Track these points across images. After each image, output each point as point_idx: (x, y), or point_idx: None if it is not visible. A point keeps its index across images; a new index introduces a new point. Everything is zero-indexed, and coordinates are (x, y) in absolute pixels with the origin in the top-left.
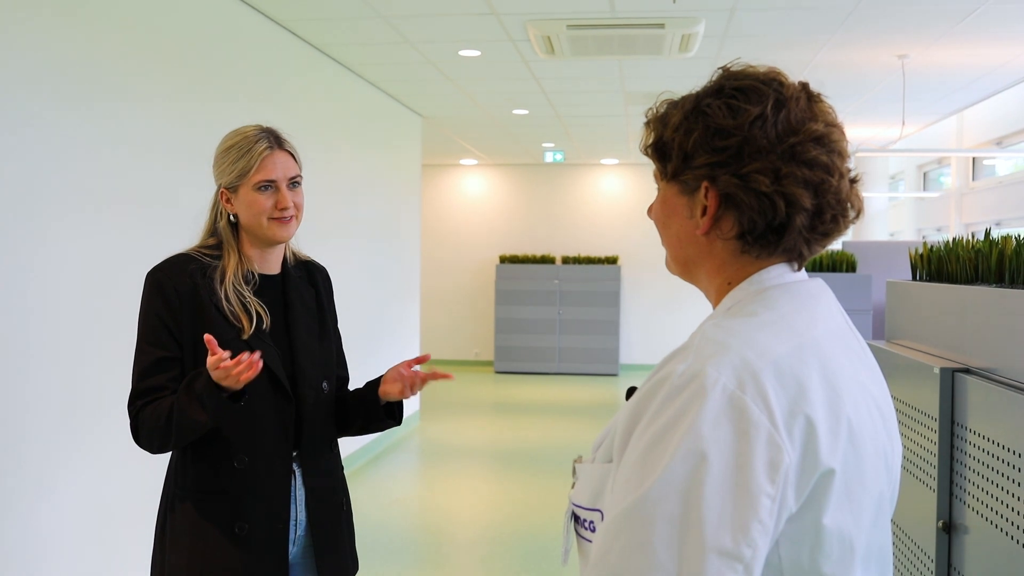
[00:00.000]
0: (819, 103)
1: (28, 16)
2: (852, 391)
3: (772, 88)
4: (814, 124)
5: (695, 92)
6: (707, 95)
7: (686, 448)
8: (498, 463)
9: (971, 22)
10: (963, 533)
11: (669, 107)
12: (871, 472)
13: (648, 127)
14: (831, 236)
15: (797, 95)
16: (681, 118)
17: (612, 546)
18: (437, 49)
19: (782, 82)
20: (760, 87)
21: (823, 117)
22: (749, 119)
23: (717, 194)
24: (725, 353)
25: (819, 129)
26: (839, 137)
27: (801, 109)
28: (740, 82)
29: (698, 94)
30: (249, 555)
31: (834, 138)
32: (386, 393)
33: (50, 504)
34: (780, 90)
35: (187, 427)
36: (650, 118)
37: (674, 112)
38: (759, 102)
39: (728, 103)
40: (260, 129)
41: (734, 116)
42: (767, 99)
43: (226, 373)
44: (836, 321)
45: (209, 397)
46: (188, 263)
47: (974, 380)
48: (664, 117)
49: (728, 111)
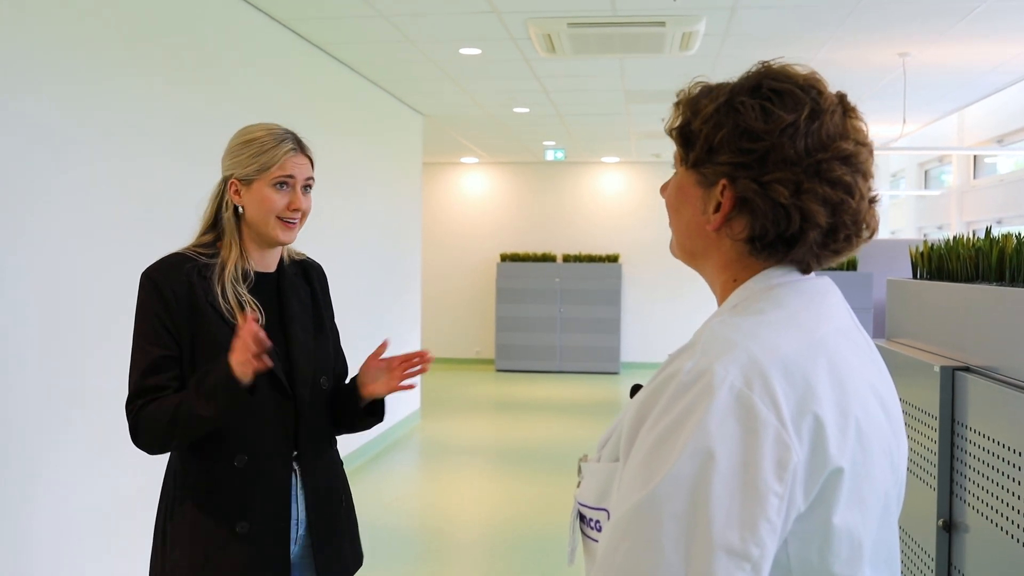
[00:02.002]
0: (854, 119)
1: (27, 15)
2: (859, 389)
3: (810, 96)
4: (844, 143)
5: (730, 84)
6: (743, 91)
7: (693, 446)
8: (499, 461)
9: (972, 20)
10: (963, 532)
11: (702, 93)
12: (878, 470)
13: (677, 108)
14: (842, 254)
15: (833, 108)
16: (713, 110)
17: (619, 545)
18: (438, 47)
19: (820, 91)
20: (798, 93)
21: (854, 135)
22: (781, 126)
23: (734, 195)
24: (732, 351)
25: (848, 148)
26: (867, 157)
27: (835, 124)
28: (778, 84)
29: (733, 87)
30: (251, 554)
31: (862, 158)
32: (371, 392)
33: (42, 505)
34: (817, 100)
35: (193, 424)
36: (681, 99)
37: (706, 101)
38: (794, 109)
39: (763, 104)
40: (284, 129)
41: (766, 120)
42: (803, 107)
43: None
44: (843, 319)
45: (225, 388)
46: (184, 262)
47: (974, 379)
48: (695, 103)
49: (761, 113)
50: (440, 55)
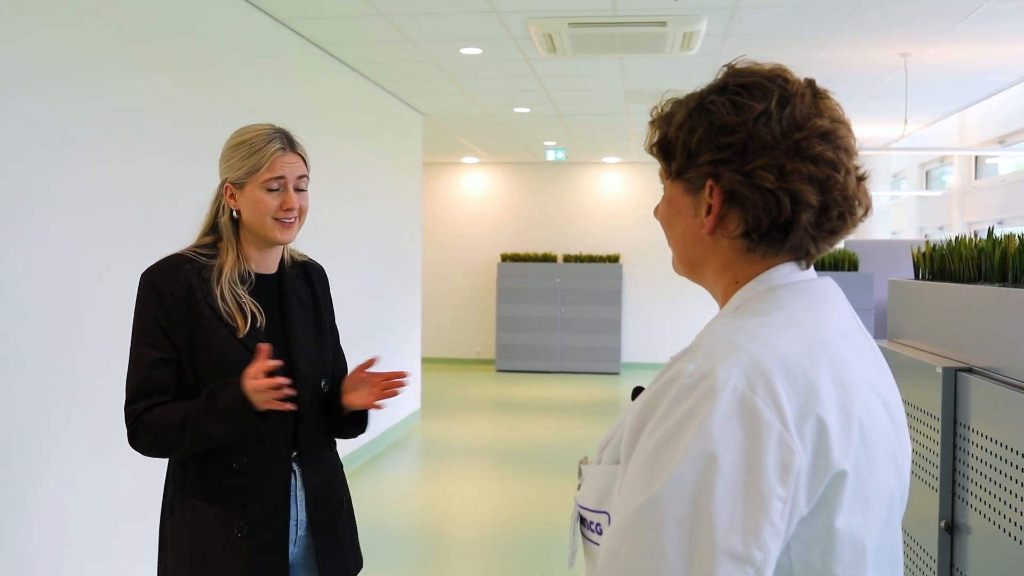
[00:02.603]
0: (825, 99)
1: (27, 15)
2: (862, 391)
3: (776, 85)
4: (819, 120)
5: (699, 90)
6: (711, 92)
7: (696, 449)
8: (499, 462)
9: (973, 20)
10: (965, 533)
11: (674, 105)
12: (882, 473)
13: (653, 126)
14: (838, 234)
15: (802, 91)
16: (685, 116)
17: (620, 549)
18: (438, 47)
19: (787, 79)
20: (764, 84)
21: (829, 113)
22: (753, 115)
23: (722, 192)
24: (735, 353)
25: (824, 125)
26: (845, 133)
27: (806, 105)
28: (744, 79)
29: (702, 92)
30: (250, 556)
31: (840, 134)
32: (350, 402)
33: (41, 506)
34: (785, 86)
35: (201, 439)
36: (655, 117)
37: (678, 110)
38: (763, 99)
39: (732, 100)
40: (273, 129)
41: (738, 113)
42: (771, 95)
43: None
44: (845, 320)
45: (239, 412)
46: (183, 264)
47: (977, 380)
48: (668, 115)
49: (732, 108)
50: (440, 55)
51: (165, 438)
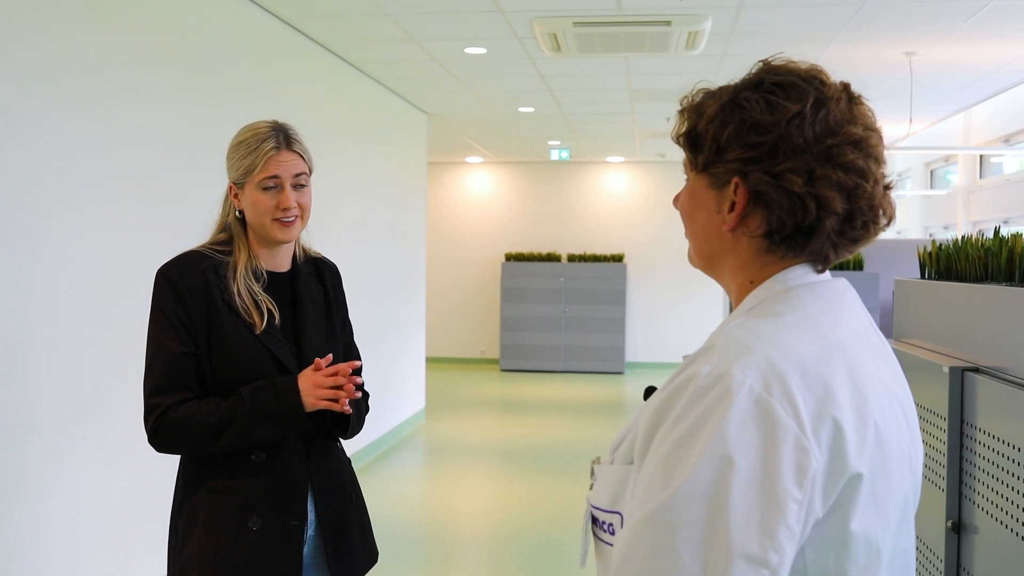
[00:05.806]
0: (859, 105)
1: (38, 17)
2: (877, 393)
3: (813, 86)
4: (853, 127)
5: (733, 84)
6: (745, 88)
7: (712, 451)
8: (504, 461)
9: (979, 19)
10: (972, 533)
11: (705, 96)
12: (897, 475)
13: (682, 115)
14: (860, 243)
15: (838, 96)
16: (717, 109)
17: (635, 551)
18: (443, 47)
19: (823, 81)
20: (801, 84)
21: (862, 120)
22: (787, 116)
23: (747, 191)
24: (751, 354)
25: (858, 133)
26: (877, 142)
27: (841, 111)
28: (780, 77)
29: (736, 86)
30: (262, 551)
31: (872, 143)
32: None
33: (53, 502)
34: (821, 89)
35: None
36: (685, 106)
37: (710, 102)
38: (798, 100)
39: (767, 98)
40: (271, 127)
41: (772, 112)
42: (807, 97)
43: (323, 384)
44: (860, 321)
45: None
46: (200, 260)
47: (983, 379)
48: (699, 107)
49: (766, 106)
50: (445, 54)
51: (194, 438)
